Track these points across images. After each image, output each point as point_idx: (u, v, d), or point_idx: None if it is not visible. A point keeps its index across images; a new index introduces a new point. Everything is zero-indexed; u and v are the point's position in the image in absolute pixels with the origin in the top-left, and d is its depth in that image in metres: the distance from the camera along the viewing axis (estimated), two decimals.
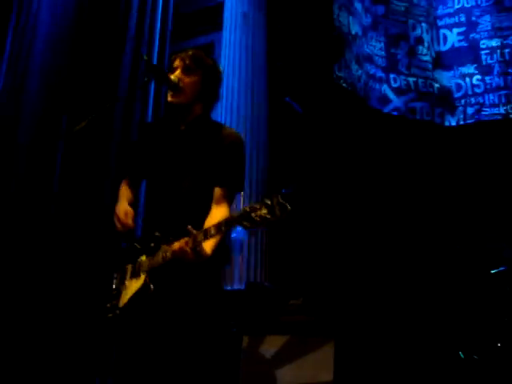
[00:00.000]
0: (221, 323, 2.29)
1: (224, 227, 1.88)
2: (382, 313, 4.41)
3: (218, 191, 2.18)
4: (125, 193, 2.42)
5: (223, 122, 4.45)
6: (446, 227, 4.91)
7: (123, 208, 2.30)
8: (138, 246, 2.21)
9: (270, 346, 3.67)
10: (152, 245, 2.13)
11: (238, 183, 2.28)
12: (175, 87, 2.21)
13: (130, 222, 2.27)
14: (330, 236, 4.78)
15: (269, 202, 1.75)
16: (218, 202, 2.17)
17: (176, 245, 1.99)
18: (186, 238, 1.96)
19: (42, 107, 3.76)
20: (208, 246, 2.01)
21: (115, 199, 2.37)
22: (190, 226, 1.97)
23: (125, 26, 3.87)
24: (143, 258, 2.14)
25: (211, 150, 2.22)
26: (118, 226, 2.29)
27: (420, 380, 3.75)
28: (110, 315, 2.13)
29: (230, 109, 4.91)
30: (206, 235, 1.92)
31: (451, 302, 4.59)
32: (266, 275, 4.38)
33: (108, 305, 2.17)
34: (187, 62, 2.28)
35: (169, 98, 2.27)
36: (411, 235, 4.94)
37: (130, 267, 2.19)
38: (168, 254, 2.03)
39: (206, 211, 2.15)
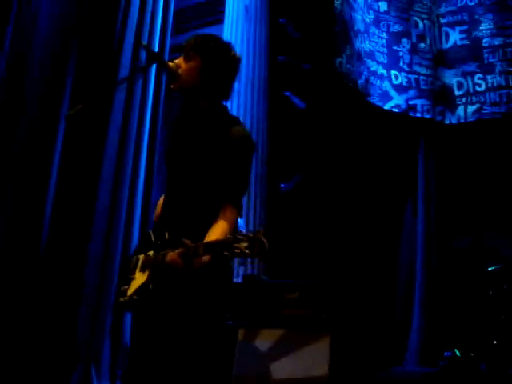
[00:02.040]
0: (220, 317, 2.29)
1: (210, 251, 1.92)
2: (378, 308, 4.41)
3: (224, 204, 2.15)
4: None
5: None
6: (445, 224, 4.90)
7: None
8: (152, 239, 2.22)
9: (266, 339, 3.65)
10: (159, 243, 2.15)
11: (242, 194, 2.23)
12: (172, 74, 2.19)
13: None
14: (326, 231, 4.77)
15: (251, 236, 1.79)
16: (224, 213, 2.14)
17: (169, 256, 2.01)
18: (180, 249, 1.99)
19: (44, 90, 3.75)
20: (206, 258, 2.00)
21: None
22: (185, 240, 1.99)
23: (126, 16, 3.87)
24: (151, 253, 2.17)
25: (216, 151, 2.15)
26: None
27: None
28: (122, 299, 2.17)
29: (230, 104, 4.90)
30: (197, 253, 1.95)
31: (448, 299, 4.58)
32: (262, 269, 4.37)
33: (122, 288, 2.20)
34: (188, 48, 2.23)
35: (171, 86, 2.23)
36: (409, 231, 4.94)
37: (141, 258, 2.22)
38: (164, 260, 2.06)
39: (213, 215, 2.13)
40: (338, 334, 3.55)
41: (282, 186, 5.15)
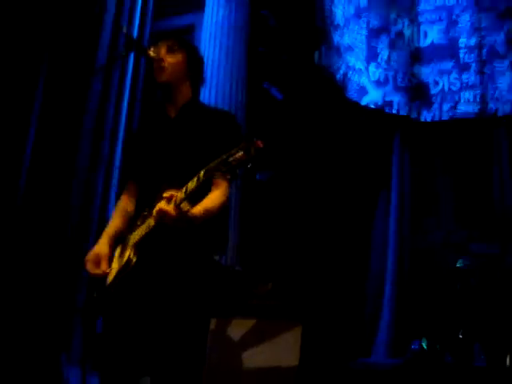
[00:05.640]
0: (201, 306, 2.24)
1: (204, 176, 1.86)
2: (348, 300, 4.48)
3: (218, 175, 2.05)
4: (121, 212, 2.26)
5: None
6: (416, 221, 4.99)
7: (98, 250, 2.17)
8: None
9: (238, 329, 3.67)
10: (139, 223, 2.08)
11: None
12: (155, 61, 2.21)
13: (103, 268, 2.13)
14: (299, 224, 4.81)
15: (243, 144, 1.77)
16: (217, 185, 2.11)
17: (157, 206, 1.92)
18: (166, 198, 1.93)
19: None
20: (196, 210, 1.96)
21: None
22: (168, 189, 1.93)
23: (104, 3, 3.82)
24: (130, 235, 2.12)
25: (206, 134, 2.16)
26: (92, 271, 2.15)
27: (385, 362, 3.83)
28: (95, 295, 2.10)
29: (209, 94, 4.87)
30: (186, 191, 1.89)
31: (417, 293, 4.68)
32: (236, 259, 4.39)
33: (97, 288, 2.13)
34: (170, 43, 2.27)
35: (157, 79, 2.25)
36: (381, 227, 5.01)
37: (118, 249, 2.17)
38: (151, 221, 1.98)
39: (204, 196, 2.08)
40: (309, 324, 3.60)
41: (257, 176, 5.17)
